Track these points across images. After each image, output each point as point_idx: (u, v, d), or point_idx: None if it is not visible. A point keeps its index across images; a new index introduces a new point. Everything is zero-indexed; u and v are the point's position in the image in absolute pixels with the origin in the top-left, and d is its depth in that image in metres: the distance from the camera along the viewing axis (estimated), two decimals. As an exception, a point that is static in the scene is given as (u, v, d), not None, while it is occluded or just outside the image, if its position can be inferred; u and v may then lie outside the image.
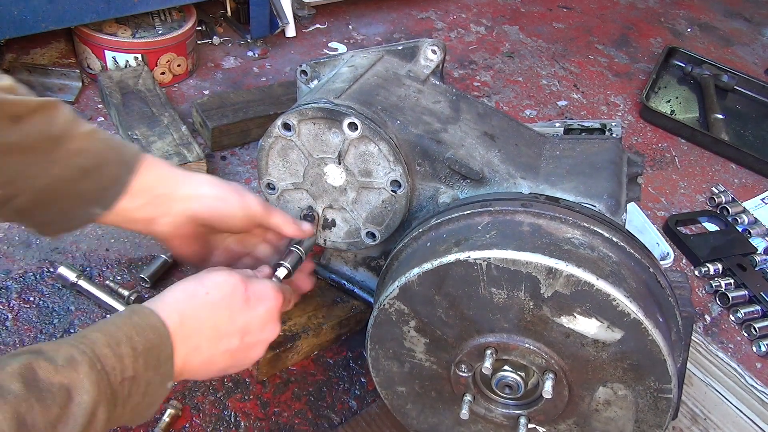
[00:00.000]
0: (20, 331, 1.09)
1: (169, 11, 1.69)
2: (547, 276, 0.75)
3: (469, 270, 0.78)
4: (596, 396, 0.82)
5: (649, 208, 1.65)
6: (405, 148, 0.98)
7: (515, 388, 0.84)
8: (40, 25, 1.44)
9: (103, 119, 1.54)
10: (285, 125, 1.00)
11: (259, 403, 1.07)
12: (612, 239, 0.82)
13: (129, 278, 1.21)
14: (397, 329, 0.86)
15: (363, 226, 1.05)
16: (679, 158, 1.86)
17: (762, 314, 1.40)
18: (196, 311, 0.75)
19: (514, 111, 1.90)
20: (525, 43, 2.24)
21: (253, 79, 1.80)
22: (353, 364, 1.16)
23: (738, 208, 1.66)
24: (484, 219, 0.85)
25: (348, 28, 2.12)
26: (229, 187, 0.90)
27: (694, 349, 1.25)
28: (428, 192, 1.01)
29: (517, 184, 0.96)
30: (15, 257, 1.20)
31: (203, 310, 0.75)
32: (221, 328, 0.76)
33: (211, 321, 0.76)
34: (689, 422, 1.14)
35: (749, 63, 2.41)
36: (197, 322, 0.74)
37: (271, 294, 0.82)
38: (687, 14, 2.67)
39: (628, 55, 2.29)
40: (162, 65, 1.65)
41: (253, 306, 0.79)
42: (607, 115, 1.97)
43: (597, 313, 0.75)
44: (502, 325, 0.80)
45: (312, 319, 1.13)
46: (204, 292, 0.76)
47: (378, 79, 1.07)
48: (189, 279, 0.79)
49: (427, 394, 0.92)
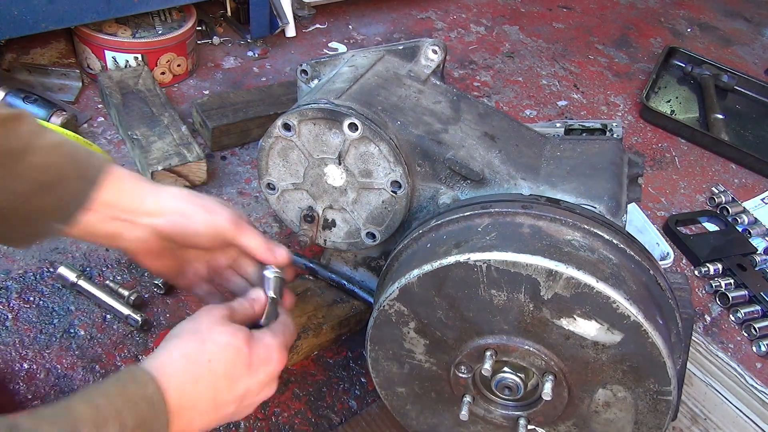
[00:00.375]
0: (20, 331, 1.09)
1: (169, 11, 1.69)
2: (547, 278, 0.75)
3: (469, 272, 0.78)
4: (596, 398, 0.82)
5: (649, 208, 1.65)
6: (405, 148, 0.98)
7: (515, 390, 0.84)
8: (40, 25, 1.44)
9: (103, 119, 1.54)
10: (285, 125, 1.00)
11: (259, 403, 1.07)
12: (612, 241, 0.82)
13: (129, 278, 1.21)
14: (396, 330, 0.86)
15: (363, 227, 1.05)
16: (679, 158, 1.86)
17: (762, 314, 1.40)
18: (196, 384, 0.70)
19: (514, 111, 1.90)
20: (525, 43, 2.24)
21: (253, 79, 1.80)
22: (353, 364, 1.16)
23: (738, 208, 1.66)
24: (485, 221, 0.85)
25: (348, 28, 2.12)
26: (199, 203, 0.85)
27: (695, 349, 1.25)
28: (428, 193, 1.01)
29: (518, 185, 0.96)
30: (15, 257, 1.20)
31: (203, 382, 0.71)
32: (219, 398, 0.73)
33: (211, 393, 0.72)
34: (689, 422, 1.15)
35: (749, 63, 2.41)
36: (196, 394, 0.70)
37: (275, 357, 0.78)
38: (687, 14, 2.67)
39: (628, 55, 2.29)
40: (162, 65, 1.65)
41: (254, 371, 0.75)
42: (607, 115, 1.97)
43: (597, 316, 0.75)
44: (502, 326, 0.80)
45: (312, 319, 1.13)
46: (206, 359, 0.72)
47: (378, 79, 1.07)
48: (189, 336, 0.74)
49: (427, 395, 0.92)
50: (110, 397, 0.62)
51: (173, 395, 0.67)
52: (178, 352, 0.72)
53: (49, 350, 1.08)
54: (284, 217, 1.10)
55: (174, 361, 0.70)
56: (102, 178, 0.79)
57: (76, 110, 1.53)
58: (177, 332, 0.75)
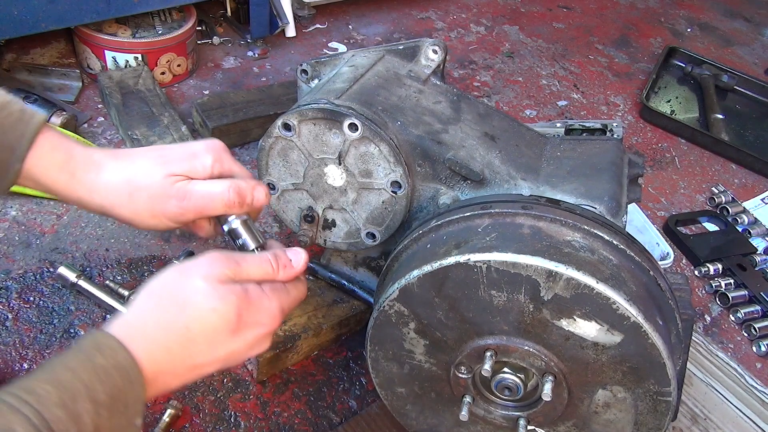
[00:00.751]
0: (20, 331, 1.09)
1: (169, 11, 1.69)
2: (547, 279, 0.75)
3: (469, 272, 0.78)
4: (595, 398, 0.82)
5: (649, 208, 1.65)
6: (405, 148, 0.98)
7: (515, 390, 0.84)
8: (40, 25, 1.44)
9: (103, 119, 1.54)
10: (285, 125, 1.00)
11: (259, 403, 1.07)
12: (612, 242, 0.82)
13: (129, 278, 1.21)
14: (396, 331, 0.86)
15: (363, 227, 1.05)
16: (679, 158, 1.86)
17: (762, 314, 1.40)
18: (170, 351, 0.65)
19: (514, 111, 1.90)
20: (525, 43, 2.24)
21: (253, 79, 1.80)
22: (353, 364, 1.16)
23: (738, 208, 1.66)
24: (485, 221, 0.85)
25: (348, 28, 2.12)
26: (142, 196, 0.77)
27: (695, 349, 1.25)
28: (429, 193, 1.01)
29: (518, 185, 0.96)
30: (15, 257, 1.20)
31: (178, 349, 0.65)
32: (198, 361, 0.67)
33: (187, 358, 0.66)
34: (689, 422, 1.15)
35: (749, 63, 2.41)
36: (170, 361, 0.65)
37: (267, 321, 0.71)
38: (687, 14, 2.67)
39: (628, 55, 2.29)
40: (162, 65, 1.65)
41: (241, 335, 0.69)
42: (607, 115, 1.97)
43: (597, 316, 0.75)
44: (502, 327, 0.80)
45: (312, 319, 1.13)
46: (183, 325, 0.65)
47: (379, 79, 1.07)
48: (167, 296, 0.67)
49: (427, 395, 0.92)
50: (75, 371, 0.56)
51: (146, 363, 0.62)
52: (151, 316, 0.66)
53: (49, 350, 1.08)
54: (284, 217, 1.11)
55: (146, 326, 0.65)
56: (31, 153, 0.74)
57: (76, 110, 1.53)
58: (157, 288, 0.69)
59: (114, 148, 1.47)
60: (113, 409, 0.57)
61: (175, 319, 0.66)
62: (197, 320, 0.66)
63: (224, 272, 0.69)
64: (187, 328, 0.66)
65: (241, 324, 0.69)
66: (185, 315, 0.66)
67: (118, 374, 0.59)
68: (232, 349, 0.70)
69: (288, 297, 0.76)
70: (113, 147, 1.47)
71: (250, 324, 0.70)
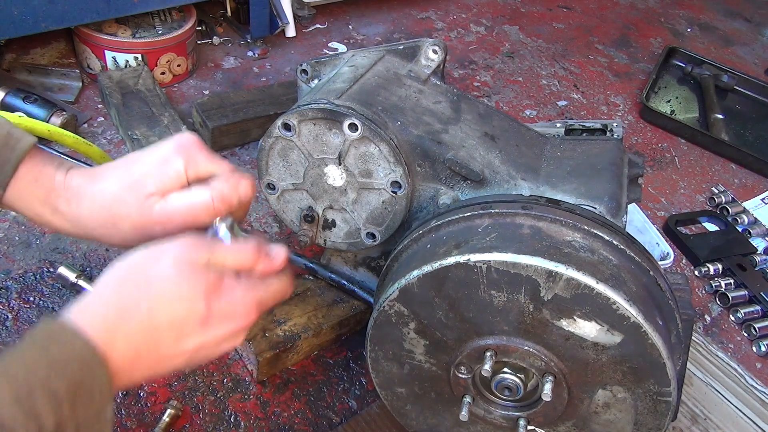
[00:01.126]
0: (20, 331, 1.09)
1: (169, 11, 1.69)
2: (547, 279, 0.75)
3: (469, 272, 0.78)
4: (595, 398, 0.82)
5: (649, 208, 1.65)
6: (405, 148, 0.98)
7: (514, 390, 0.84)
8: (40, 25, 1.44)
9: (103, 119, 1.54)
10: (285, 126, 1.00)
11: (259, 403, 1.07)
12: (612, 242, 0.82)
13: (129, 278, 1.21)
14: (396, 331, 0.87)
15: (363, 227, 1.05)
16: (679, 158, 1.86)
17: (762, 314, 1.40)
18: (132, 340, 0.60)
19: (514, 111, 1.90)
20: (525, 43, 2.24)
21: (253, 79, 1.80)
22: (353, 364, 1.16)
23: (738, 208, 1.66)
24: (485, 221, 0.85)
25: (348, 28, 2.12)
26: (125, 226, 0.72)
27: (695, 349, 1.25)
28: (429, 193, 1.01)
29: (518, 185, 0.96)
30: (15, 257, 1.20)
31: (140, 337, 0.60)
32: (164, 352, 0.62)
33: (152, 347, 0.61)
34: (689, 422, 1.15)
35: (749, 63, 2.41)
36: (133, 352, 0.60)
37: (242, 313, 0.66)
38: (687, 14, 2.66)
39: (628, 55, 2.29)
40: (162, 65, 1.65)
41: (211, 328, 0.64)
42: (607, 115, 1.97)
43: (597, 317, 0.75)
44: (502, 327, 0.80)
45: (312, 319, 1.13)
46: (146, 311, 0.60)
47: (379, 79, 1.07)
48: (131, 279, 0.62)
49: (427, 395, 0.92)
50: (28, 364, 0.52)
51: (106, 351, 0.57)
52: (113, 300, 0.61)
53: (49, 350, 1.08)
54: (284, 217, 1.11)
55: (106, 312, 0.60)
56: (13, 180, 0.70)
57: (76, 110, 1.53)
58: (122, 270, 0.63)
59: (114, 148, 1.47)
60: (75, 403, 0.53)
61: (137, 304, 0.60)
62: (162, 307, 0.61)
63: (197, 257, 0.64)
64: (150, 315, 0.60)
65: (211, 315, 0.63)
66: (149, 301, 0.60)
67: (77, 366, 0.54)
68: (201, 342, 0.64)
69: (267, 292, 0.69)
70: (113, 147, 1.47)
71: (222, 316, 0.64)
